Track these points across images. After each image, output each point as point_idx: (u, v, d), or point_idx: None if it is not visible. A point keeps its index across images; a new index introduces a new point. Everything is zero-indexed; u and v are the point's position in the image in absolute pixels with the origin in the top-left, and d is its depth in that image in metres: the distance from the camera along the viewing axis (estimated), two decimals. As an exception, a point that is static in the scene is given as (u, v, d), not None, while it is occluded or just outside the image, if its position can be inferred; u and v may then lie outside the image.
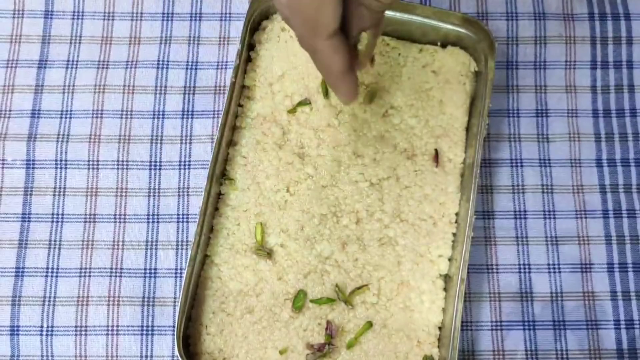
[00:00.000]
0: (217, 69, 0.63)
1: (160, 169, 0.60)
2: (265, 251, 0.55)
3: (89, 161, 0.60)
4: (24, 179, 0.60)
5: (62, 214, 0.59)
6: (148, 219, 0.59)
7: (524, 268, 0.59)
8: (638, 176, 0.61)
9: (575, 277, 0.59)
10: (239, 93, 0.59)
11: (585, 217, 0.60)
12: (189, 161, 0.60)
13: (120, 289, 0.58)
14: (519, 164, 0.61)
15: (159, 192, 0.60)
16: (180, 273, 0.58)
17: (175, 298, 0.58)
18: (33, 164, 0.60)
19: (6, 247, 0.58)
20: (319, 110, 0.58)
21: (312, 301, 0.54)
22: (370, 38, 0.44)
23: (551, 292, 0.58)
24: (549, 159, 0.61)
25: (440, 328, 0.54)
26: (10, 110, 0.62)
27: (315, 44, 0.42)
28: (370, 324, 0.54)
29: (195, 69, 0.63)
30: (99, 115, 0.61)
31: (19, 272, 0.58)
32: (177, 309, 0.52)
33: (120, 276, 0.58)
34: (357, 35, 0.44)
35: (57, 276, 0.58)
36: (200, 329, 0.54)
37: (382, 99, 0.59)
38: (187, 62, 0.63)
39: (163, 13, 0.64)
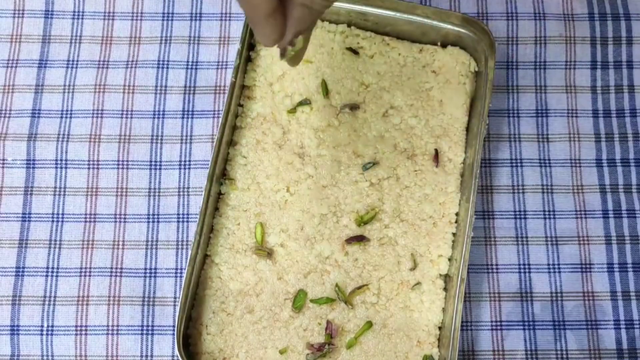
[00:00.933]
0: (217, 68, 0.63)
1: (160, 168, 0.60)
2: (265, 251, 0.55)
3: (89, 161, 0.60)
4: (24, 179, 0.60)
5: (62, 214, 0.59)
6: (148, 218, 0.59)
7: (524, 268, 0.59)
8: (638, 176, 0.61)
9: (575, 277, 0.59)
10: (239, 93, 0.59)
11: (585, 217, 0.60)
12: (189, 161, 0.61)
13: (121, 288, 0.58)
14: (518, 164, 0.61)
15: (159, 192, 0.60)
16: (181, 273, 0.58)
17: (175, 298, 0.58)
18: (33, 164, 0.60)
19: (6, 247, 0.58)
20: (319, 110, 0.58)
21: (312, 301, 0.54)
22: (305, 41, 0.43)
23: (551, 292, 0.58)
24: (549, 159, 0.61)
25: (440, 328, 0.54)
26: (10, 110, 0.62)
27: None
28: (370, 324, 0.54)
29: (196, 68, 0.63)
30: (99, 115, 0.62)
31: (19, 271, 0.58)
32: (177, 308, 0.52)
33: (121, 276, 0.58)
34: (293, 39, 0.42)
35: (57, 276, 0.58)
36: (200, 329, 0.54)
37: (382, 99, 0.59)
38: (187, 62, 0.63)
39: (163, 13, 0.64)
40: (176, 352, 0.53)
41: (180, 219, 0.59)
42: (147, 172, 0.60)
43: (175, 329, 0.51)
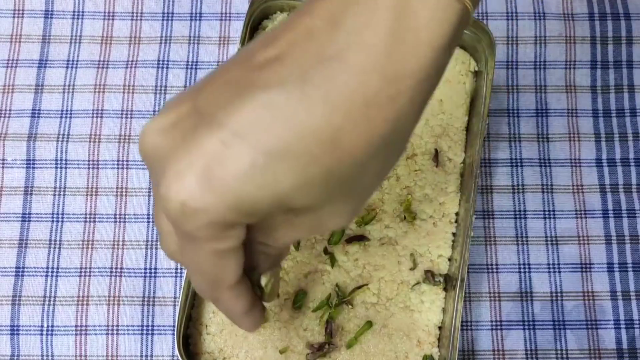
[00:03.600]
0: (217, 68, 0.63)
1: (160, 168, 0.60)
2: (265, 251, 0.55)
3: (89, 161, 0.60)
4: (24, 179, 0.60)
5: (62, 214, 0.59)
6: (148, 218, 0.59)
7: (524, 268, 0.59)
8: (638, 176, 0.61)
9: (575, 277, 0.59)
10: (239, 93, 0.59)
11: (585, 217, 0.60)
12: (189, 161, 0.60)
13: (121, 288, 0.58)
14: (518, 164, 0.61)
15: (159, 192, 0.60)
16: (181, 273, 0.58)
17: (175, 298, 0.58)
18: (33, 164, 0.60)
19: (6, 247, 0.58)
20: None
21: (312, 311, 0.54)
22: (274, 277, 0.42)
23: (551, 292, 0.58)
24: (549, 159, 0.61)
25: (440, 328, 0.54)
26: (10, 110, 0.62)
27: (217, 296, 0.37)
28: (370, 324, 0.54)
29: (196, 68, 0.63)
30: (99, 115, 0.62)
31: (19, 271, 0.58)
32: (177, 308, 0.52)
33: (121, 276, 0.58)
34: (258, 277, 0.41)
35: (57, 276, 0.58)
36: (200, 329, 0.54)
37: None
38: (187, 61, 0.63)
39: (163, 13, 0.64)
40: (176, 352, 0.53)
41: (180, 219, 0.59)
42: (147, 172, 0.60)
43: (175, 328, 0.51)
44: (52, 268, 0.58)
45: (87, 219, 0.59)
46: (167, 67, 0.63)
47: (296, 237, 0.36)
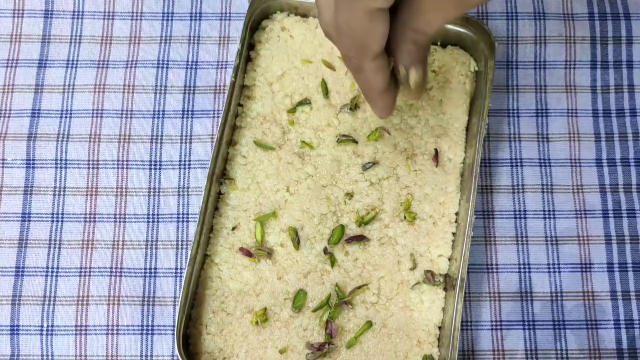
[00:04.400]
0: (217, 68, 0.63)
1: (160, 168, 0.60)
2: (265, 251, 0.55)
3: (89, 161, 0.60)
4: (24, 179, 0.60)
5: (62, 214, 0.59)
6: (148, 218, 0.59)
7: (524, 268, 0.59)
8: (638, 176, 0.61)
9: (575, 277, 0.59)
10: (239, 93, 0.59)
11: (585, 217, 0.60)
12: (189, 161, 0.60)
13: (120, 288, 0.58)
14: (518, 164, 0.61)
15: (159, 192, 0.60)
16: (180, 273, 0.58)
17: (175, 297, 0.58)
18: (33, 164, 0.60)
19: (6, 247, 0.58)
20: (319, 110, 0.58)
21: (312, 311, 0.54)
22: (422, 73, 0.44)
23: (551, 292, 0.58)
24: (549, 159, 0.61)
25: (440, 327, 0.54)
26: (10, 110, 0.62)
27: (361, 64, 0.43)
28: (370, 324, 0.54)
29: (195, 68, 0.63)
30: (99, 115, 0.61)
31: (19, 271, 0.58)
32: (177, 308, 0.52)
33: (120, 276, 0.58)
34: (407, 71, 0.44)
35: (57, 276, 0.58)
36: (200, 329, 0.54)
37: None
38: (187, 61, 0.63)
39: (163, 13, 0.64)
40: (176, 352, 0.53)
41: (180, 219, 0.59)
42: (147, 172, 0.60)
43: (175, 328, 0.51)
44: (52, 268, 0.58)
45: (87, 219, 0.59)
46: (167, 67, 0.63)
47: (444, 17, 0.40)
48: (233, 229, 0.56)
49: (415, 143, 0.58)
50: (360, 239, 0.55)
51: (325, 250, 0.55)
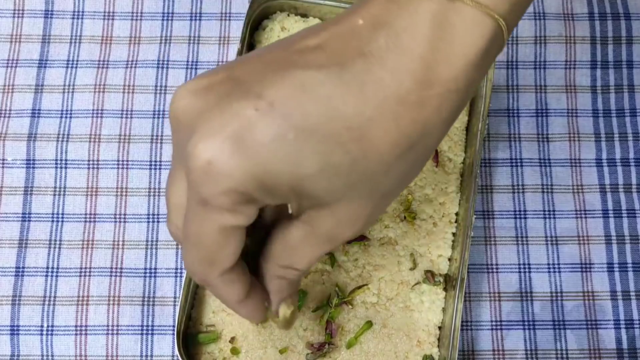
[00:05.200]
0: (217, 68, 0.63)
1: (160, 168, 0.60)
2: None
3: (89, 161, 0.60)
4: (24, 179, 0.60)
5: (62, 214, 0.59)
6: (148, 218, 0.59)
7: (524, 268, 0.59)
8: (638, 176, 0.61)
9: (575, 277, 0.59)
10: (239, 93, 0.59)
11: (585, 217, 0.60)
12: (189, 161, 0.60)
13: (120, 288, 0.58)
14: (518, 164, 0.61)
15: (159, 192, 0.60)
16: (181, 273, 0.58)
17: (175, 298, 0.58)
18: (33, 164, 0.60)
19: (6, 247, 0.58)
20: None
21: (313, 311, 0.54)
22: (293, 308, 0.40)
23: (551, 292, 0.58)
24: (549, 159, 0.61)
25: (440, 328, 0.54)
26: (10, 110, 0.62)
27: (207, 279, 0.36)
28: (370, 324, 0.54)
29: (196, 68, 0.63)
30: (99, 115, 0.62)
31: (19, 271, 0.58)
32: (177, 308, 0.52)
33: (120, 276, 0.58)
34: (277, 309, 0.39)
35: (57, 276, 0.58)
36: (200, 329, 0.54)
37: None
38: (187, 61, 0.63)
39: (163, 13, 0.64)
40: (176, 352, 0.53)
41: (180, 219, 0.59)
42: (147, 172, 0.60)
43: (175, 329, 0.51)
44: (52, 268, 0.58)
45: (87, 219, 0.59)
46: (167, 67, 0.63)
47: (316, 252, 0.36)
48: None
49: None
50: (360, 239, 0.55)
51: (325, 251, 0.55)
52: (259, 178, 0.31)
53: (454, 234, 0.56)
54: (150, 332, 0.57)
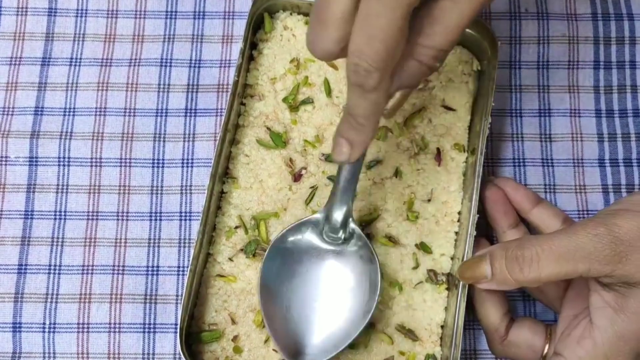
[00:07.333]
0: (220, 67, 0.63)
1: (163, 166, 0.60)
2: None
3: (91, 159, 0.60)
4: (26, 176, 0.60)
5: (65, 212, 0.59)
6: (151, 216, 0.59)
7: (526, 267, 0.58)
8: (640, 176, 0.61)
9: (578, 277, 0.58)
10: (242, 91, 0.59)
11: (588, 217, 0.60)
12: (192, 159, 0.61)
13: (123, 286, 0.58)
14: (521, 164, 0.61)
15: (161, 190, 0.60)
16: (183, 271, 0.58)
17: (177, 296, 0.58)
18: (36, 161, 0.60)
19: (9, 244, 0.58)
20: (322, 109, 0.58)
21: None
22: (403, 98, 0.42)
23: (553, 292, 0.58)
24: (552, 159, 0.61)
25: (442, 327, 0.54)
26: (13, 108, 0.62)
27: (382, 78, 0.37)
28: (372, 323, 0.54)
29: (199, 67, 0.63)
30: (102, 113, 0.62)
31: (22, 269, 0.58)
32: (180, 306, 0.52)
33: (123, 274, 0.58)
34: (394, 91, 0.41)
35: (59, 273, 0.58)
36: (202, 327, 0.54)
37: (385, 98, 0.59)
38: (190, 60, 0.63)
39: (166, 11, 0.64)
40: (178, 349, 0.53)
41: (183, 217, 0.59)
42: (150, 170, 0.60)
43: (178, 327, 0.51)
44: (55, 265, 0.58)
45: (90, 217, 0.59)
46: (170, 66, 0.63)
47: (464, 21, 0.38)
48: (236, 227, 0.56)
49: (418, 142, 0.58)
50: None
51: (327, 249, 0.55)
52: None
53: (456, 233, 0.56)
54: (152, 330, 0.57)
